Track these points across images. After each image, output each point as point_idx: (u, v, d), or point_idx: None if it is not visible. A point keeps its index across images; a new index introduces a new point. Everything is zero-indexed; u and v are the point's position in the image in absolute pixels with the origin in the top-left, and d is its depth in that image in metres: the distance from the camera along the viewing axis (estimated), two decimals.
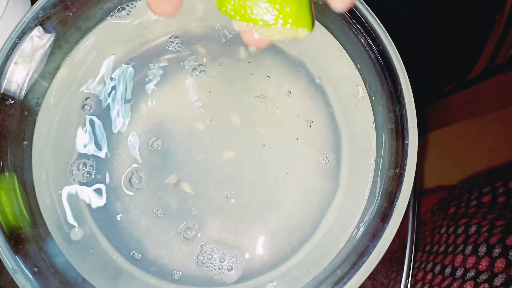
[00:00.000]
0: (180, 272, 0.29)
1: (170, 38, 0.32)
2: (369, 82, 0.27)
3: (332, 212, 0.29)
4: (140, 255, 0.29)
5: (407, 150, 0.23)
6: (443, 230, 0.41)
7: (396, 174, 0.24)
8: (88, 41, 0.31)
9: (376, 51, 0.26)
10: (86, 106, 0.30)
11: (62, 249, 0.29)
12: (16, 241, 0.24)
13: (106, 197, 0.30)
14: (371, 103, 0.28)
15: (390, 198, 0.23)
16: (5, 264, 0.23)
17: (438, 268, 0.38)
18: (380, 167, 0.26)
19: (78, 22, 0.29)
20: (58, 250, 0.28)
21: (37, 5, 0.26)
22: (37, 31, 0.27)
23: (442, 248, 0.39)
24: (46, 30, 0.27)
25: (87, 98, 0.31)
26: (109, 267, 0.29)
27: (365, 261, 0.22)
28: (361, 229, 0.24)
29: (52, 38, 0.28)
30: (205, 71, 0.32)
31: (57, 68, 0.30)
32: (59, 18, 0.28)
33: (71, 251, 0.29)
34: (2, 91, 0.26)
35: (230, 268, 0.29)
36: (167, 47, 0.32)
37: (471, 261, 0.34)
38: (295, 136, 0.30)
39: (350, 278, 0.22)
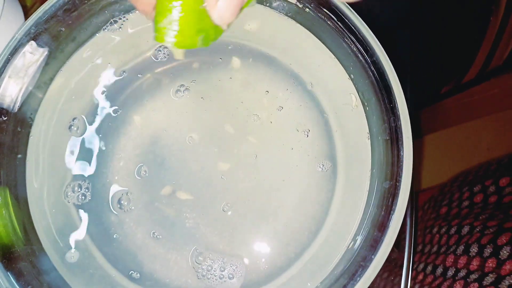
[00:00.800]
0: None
1: (159, 48, 0.32)
2: (362, 92, 0.27)
3: (328, 222, 0.29)
4: (138, 274, 0.29)
5: (402, 162, 0.23)
6: (435, 230, 0.41)
7: (392, 186, 0.23)
8: (81, 55, 0.31)
9: (369, 62, 0.26)
10: (72, 127, 0.30)
11: (56, 266, 0.28)
12: (8, 259, 0.24)
13: (102, 217, 0.29)
14: (365, 113, 0.28)
15: (387, 209, 0.23)
16: None
17: (429, 268, 0.37)
18: (376, 178, 0.26)
19: (71, 36, 0.29)
20: (52, 266, 0.28)
21: (30, 21, 0.26)
22: (30, 46, 0.26)
23: (434, 248, 0.39)
24: (39, 45, 0.27)
25: (74, 119, 0.30)
26: (104, 283, 0.29)
27: (363, 274, 0.22)
28: (358, 241, 0.24)
29: (45, 53, 0.28)
30: (198, 82, 0.32)
31: (50, 82, 0.30)
32: (51, 33, 0.28)
33: (66, 269, 0.29)
34: None
35: (231, 276, 0.28)
36: (154, 58, 0.32)
37: (462, 261, 0.34)
38: (290, 145, 0.30)
39: None
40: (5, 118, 0.27)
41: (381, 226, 0.23)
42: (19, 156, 0.30)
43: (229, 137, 0.31)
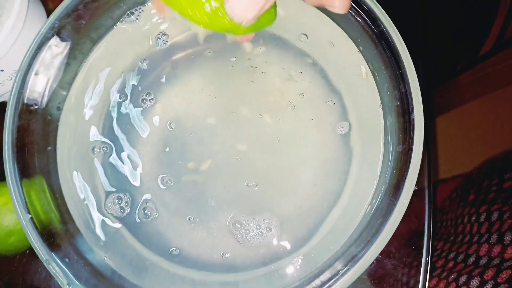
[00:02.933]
0: (228, 254, 0.30)
1: (158, 35, 0.33)
2: (372, 62, 0.28)
3: (346, 193, 0.30)
4: (178, 251, 0.30)
5: (413, 125, 0.24)
6: (465, 219, 0.41)
7: (404, 149, 0.24)
8: (102, 47, 0.32)
9: (376, 33, 0.27)
10: (98, 120, 0.32)
11: (92, 247, 0.30)
12: (47, 235, 0.26)
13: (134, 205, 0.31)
14: (376, 83, 0.28)
15: (401, 172, 0.24)
16: (38, 256, 0.25)
17: (461, 257, 0.37)
18: (390, 144, 0.26)
19: (91, 29, 0.31)
20: (88, 247, 0.30)
21: (53, 16, 0.28)
22: (54, 40, 0.28)
23: (466, 238, 0.39)
24: (62, 39, 0.29)
25: (99, 112, 0.32)
26: (139, 261, 0.30)
27: (378, 236, 0.23)
28: (374, 206, 0.25)
29: (69, 46, 0.29)
30: (212, 68, 0.33)
31: (74, 75, 0.32)
32: (73, 27, 0.29)
33: (100, 249, 0.30)
34: (26, 99, 0.28)
35: (269, 228, 0.30)
36: (171, 47, 0.33)
37: (496, 250, 0.34)
38: (307, 117, 0.31)
39: (364, 253, 0.23)
40: (36, 107, 0.29)
41: (395, 190, 0.24)
42: (50, 148, 0.32)
43: (245, 119, 0.32)
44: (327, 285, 0.23)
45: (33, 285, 0.37)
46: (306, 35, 0.32)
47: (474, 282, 0.34)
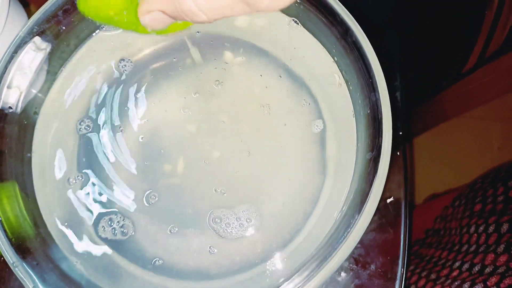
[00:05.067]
0: (215, 249, 0.30)
1: (155, 46, 0.33)
2: (345, 71, 0.29)
3: (321, 203, 0.30)
4: (161, 261, 0.30)
5: (382, 133, 0.24)
6: (472, 229, 0.41)
7: (373, 156, 0.24)
8: (81, 54, 0.33)
9: (349, 43, 0.27)
10: (79, 127, 0.32)
11: (67, 255, 0.30)
12: (17, 239, 0.26)
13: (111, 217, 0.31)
14: (349, 93, 0.29)
15: (369, 178, 0.24)
16: (5, 258, 0.24)
17: (466, 266, 0.37)
18: (360, 152, 0.27)
19: (71, 35, 0.31)
20: (60, 252, 0.30)
21: (32, 20, 0.28)
22: (33, 44, 0.29)
23: (472, 248, 0.39)
24: (41, 43, 0.29)
25: (80, 121, 0.32)
26: (114, 268, 0.30)
27: (345, 241, 0.23)
28: (344, 212, 0.25)
29: (48, 50, 0.30)
30: (192, 77, 0.34)
31: (53, 80, 0.32)
32: (52, 32, 0.30)
33: (75, 257, 0.30)
34: (1, 102, 0.28)
35: (249, 219, 0.30)
36: (151, 56, 0.33)
37: (502, 259, 0.34)
38: (283, 123, 0.32)
39: (331, 258, 0.23)
40: (11, 111, 0.29)
41: (363, 197, 0.24)
42: (28, 154, 0.31)
43: (224, 127, 0.33)
44: None
45: None
46: (284, 45, 0.33)
47: None
